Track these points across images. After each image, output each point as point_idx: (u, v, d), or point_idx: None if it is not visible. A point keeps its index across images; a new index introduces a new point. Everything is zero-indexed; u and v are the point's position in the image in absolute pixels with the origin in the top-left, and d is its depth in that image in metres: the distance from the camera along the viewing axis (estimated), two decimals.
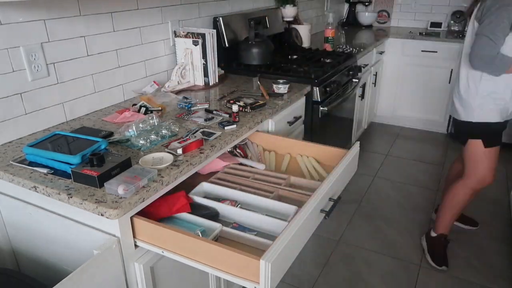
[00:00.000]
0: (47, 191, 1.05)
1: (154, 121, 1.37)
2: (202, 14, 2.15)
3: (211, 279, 1.45)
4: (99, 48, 1.59)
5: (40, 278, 1.17)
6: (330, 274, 2.05)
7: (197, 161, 1.22)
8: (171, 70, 1.97)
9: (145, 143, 1.27)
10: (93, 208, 0.98)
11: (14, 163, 1.17)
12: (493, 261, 2.17)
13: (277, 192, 1.29)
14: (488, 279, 2.04)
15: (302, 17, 3.19)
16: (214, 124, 1.47)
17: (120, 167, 1.08)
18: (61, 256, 1.19)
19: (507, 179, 3.04)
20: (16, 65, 1.31)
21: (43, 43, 1.37)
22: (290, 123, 1.87)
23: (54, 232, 1.15)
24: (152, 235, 1.06)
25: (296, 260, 1.10)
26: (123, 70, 1.72)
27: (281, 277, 1.01)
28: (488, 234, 2.39)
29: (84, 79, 1.55)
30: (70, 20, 1.45)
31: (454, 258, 2.18)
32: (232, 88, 1.95)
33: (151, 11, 1.80)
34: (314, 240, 2.22)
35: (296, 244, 1.06)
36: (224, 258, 0.97)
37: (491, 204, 2.70)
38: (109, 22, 1.60)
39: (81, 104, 1.56)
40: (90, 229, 1.06)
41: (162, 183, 1.09)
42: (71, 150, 1.16)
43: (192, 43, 1.90)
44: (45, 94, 1.41)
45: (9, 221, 1.27)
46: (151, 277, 1.14)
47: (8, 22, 1.26)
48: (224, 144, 1.35)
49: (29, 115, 1.38)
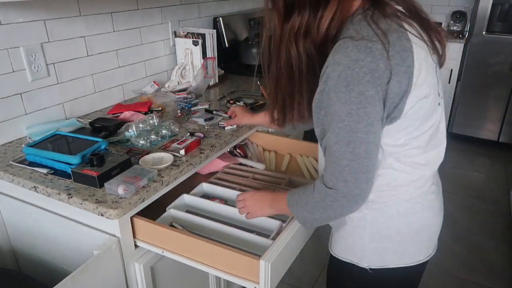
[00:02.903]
0: (47, 191, 1.05)
1: (154, 121, 1.37)
2: (202, 14, 2.15)
3: (211, 279, 1.45)
4: (99, 48, 1.58)
5: (40, 278, 1.17)
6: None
7: (197, 161, 1.22)
8: (171, 70, 1.97)
9: (145, 143, 1.27)
10: (93, 208, 0.98)
11: (14, 163, 1.17)
12: (493, 261, 2.17)
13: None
14: (488, 279, 2.04)
15: None
16: (214, 124, 1.47)
17: (120, 167, 1.08)
18: (61, 256, 1.19)
19: (507, 179, 3.04)
20: (16, 65, 1.31)
21: (43, 43, 1.37)
22: None
23: (54, 232, 1.15)
24: (152, 235, 1.06)
25: (296, 260, 1.10)
26: (123, 70, 1.72)
27: (281, 277, 1.01)
28: (488, 234, 2.39)
29: (84, 79, 1.55)
30: (70, 20, 1.45)
31: (454, 258, 2.18)
32: (232, 88, 1.95)
33: (151, 11, 1.80)
34: (314, 240, 2.21)
35: (296, 244, 1.06)
36: (224, 258, 0.97)
37: (491, 204, 2.70)
38: (109, 22, 1.60)
39: (81, 104, 1.56)
40: (90, 229, 1.06)
41: (162, 183, 1.09)
42: (71, 150, 1.16)
43: (192, 43, 1.90)
44: (45, 94, 1.41)
45: (9, 221, 1.27)
46: (151, 277, 1.14)
47: (8, 22, 1.26)
48: (224, 144, 1.35)
49: (29, 115, 1.38)
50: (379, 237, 0.90)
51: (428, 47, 0.79)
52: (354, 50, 0.71)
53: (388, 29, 0.73)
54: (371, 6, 0.77)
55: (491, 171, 3.21)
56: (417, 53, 0.74)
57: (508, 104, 3.43)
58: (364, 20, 0.75)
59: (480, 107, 3.57)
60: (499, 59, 3.36)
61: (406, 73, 0.72)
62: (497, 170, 3.23)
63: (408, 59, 0.73)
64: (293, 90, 0.87)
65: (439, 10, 3.98)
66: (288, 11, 0.79)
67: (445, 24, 3.96)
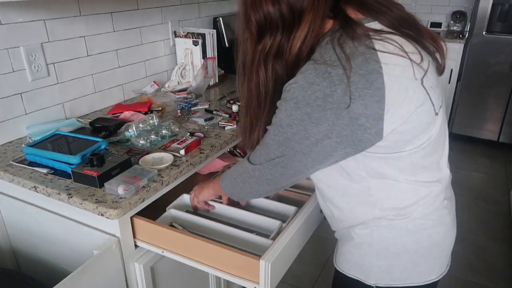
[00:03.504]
0: (47, 191, 1.05)
1: (154, 121, 1.37)
2: (202, 14, 2.15)
3: (211, 279, 1.45)
4: (99, 48, 1.58)
5: (40, 278, 1.17)
6: (330, 274, 2.05)
7: (197, 161, 1.22)
8: (171, 70, 1.97)
9: (145, 143, 1.27)
10: (93, 208, 0.98)
11: (14, 163, 1.17)
12: (493, 261, 2.17)
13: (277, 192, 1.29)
14: (488, 279, 2.04)
15: None
16: (214, 124, 1.47)
17: (120, 167, 1.08)
18: (61, 256, 1.18)
19: (507, 179, 3.04)
20: (16, 65, 1.31)
21: (43, 43, 1.37)
22: None
23: (54, 232, 1.15)
24: (152, 235, 1.06)
25: (296, 260, 1.10)
26: (123, 70, 1.72)
27: (281, 277, 1.01)
28: (488, 234, 2.39)
29: (84, 79, 1.55)
30: (70, 20, 1.45)
31: (454, 258, 2.18)
32: (232, 88, 1.95)
33: (151, 11, 1.80)
34: (314, 240, 2.21)
35: (296, 244, 1.06)
36: (224, 258, 0.97)
37: (491, 204, 2.70)
38: (109, 22, 1.60)
39: (81, 104, 1.56)
40: (90, 229, 1.06)
41: (162, 183, 1.09)
42: (71, 150, 1.16)
43: (192, 43, 1.90)
44: (45, 94, 1.41)
45: (9, 221, 1.27)
46: (151, 277, 1.14)
47: (8, 22, 1.26)
48: (224, 144, 1.35)
49: (29, 115, 1.38)
50: (387, 254, 0.87)
51: (411, 61, 0.73)
52: (312, 73, 0.72)
53: (353, 52, 0.71)
54: (340, 28, 0.76)
55: (491, 171, 3.21)
56: (388, 73, 0.70)
57: (508, 104, 3.43)
58: (330, 43, 0.74)
59: (480, 107, 3.57)
60: (499, 59, 3.36)
61: (374, 96, 0.70)
62: (497, 170, 3.23)
63: (377, 81, 0.70)
64: (259, 112, 0.87)
65: (439, 10, 3.98)
66: (261, 33, 0.79)
67: (445, 24, 3.96)
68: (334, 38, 0.74)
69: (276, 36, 0.78)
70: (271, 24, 0.77)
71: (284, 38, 0.77)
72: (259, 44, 0.80)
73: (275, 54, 0.79)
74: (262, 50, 0.80)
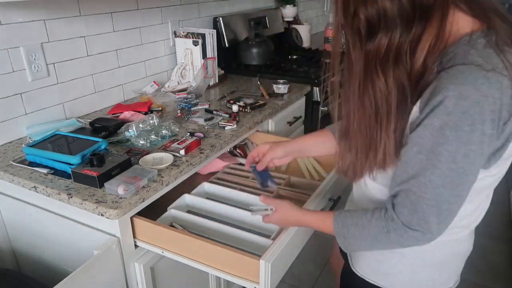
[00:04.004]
0: (47, 191, 1.05)
1: (154, 121, 1.37)
2: (202, 14, 2.15)
3: (211, 279, 1.45)
4: (99, 48, 1.58)
5: (40, 278, 1.17)
6: (330, 274, 2.05)
7: (197, 161, 1.22)
8: (171, 70, 1.97)
9: (145, 143, 1.27)
10: (93, 208, 0.98)
11: (14, 163, 1.17)
12: (493, 261, 2.17)
13: (277, 192, 1.29)
14: (488, 279, 2.04)
15: (302, 17, 3.19)
16: (214, 124, 1.47)
17: (120, 167, 1.08)
18: (61, 256, 1.19)
19: (507, 179, 3.04)
20: (16, 65, 1.31)
21: (43, 43, 1.37)
22: (290, 123, 1.87)
23: (54, 232, 1.15)
24: (152, 235, 1.06)
25: (296, 260, 1.10)
26: (123, 70, 1.72)
27: (281, 277, 1.01)
28: (488, 234, 2.39)
29: (84, 79, 1.55)
30: (70, 20, 1.45)
31: None
32: (232, 88, 1.95)
33: (151, 11, 1.80)
34: (314, 240, 2.21)
35: (296, 244, 1.06)
36: (224, 258, 0.97)
37: (491, 204, 2.70)
38: (109, 22, 1.60)
39: (81, 104, 1.56)
40: (90, 229, 1.06)
41: (162, 183, 1.09)
42: (71, 150, 1.16)
43: (192, 43, 1.90)
44: (45, 94, 1.41)
45: (9, 221, 1.27)
46: (151, 277, 1.14)
47: (8, 22, 1.26)
48: (224, 144, 1.35)
49: (29, 115, 1.38)
50: (423, 266, 0.84)
51: None
52: (485, 84, 0.59)
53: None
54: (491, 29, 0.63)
55: None
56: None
57: None
58: (489, 47, 0.62)
59: None
60: None
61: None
62: None
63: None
64: (377, 132, 0.70)
65: None
66: (371, 31, 0.64)
67: None
68: (490, 41, 0.63)
69: (395, 34, 0.63)
70: (387, 22, 0.63)
71: (403, 36, 0.63)
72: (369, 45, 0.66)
73: (394, 59, 0.65)
74: (376, 53, 0.65)
